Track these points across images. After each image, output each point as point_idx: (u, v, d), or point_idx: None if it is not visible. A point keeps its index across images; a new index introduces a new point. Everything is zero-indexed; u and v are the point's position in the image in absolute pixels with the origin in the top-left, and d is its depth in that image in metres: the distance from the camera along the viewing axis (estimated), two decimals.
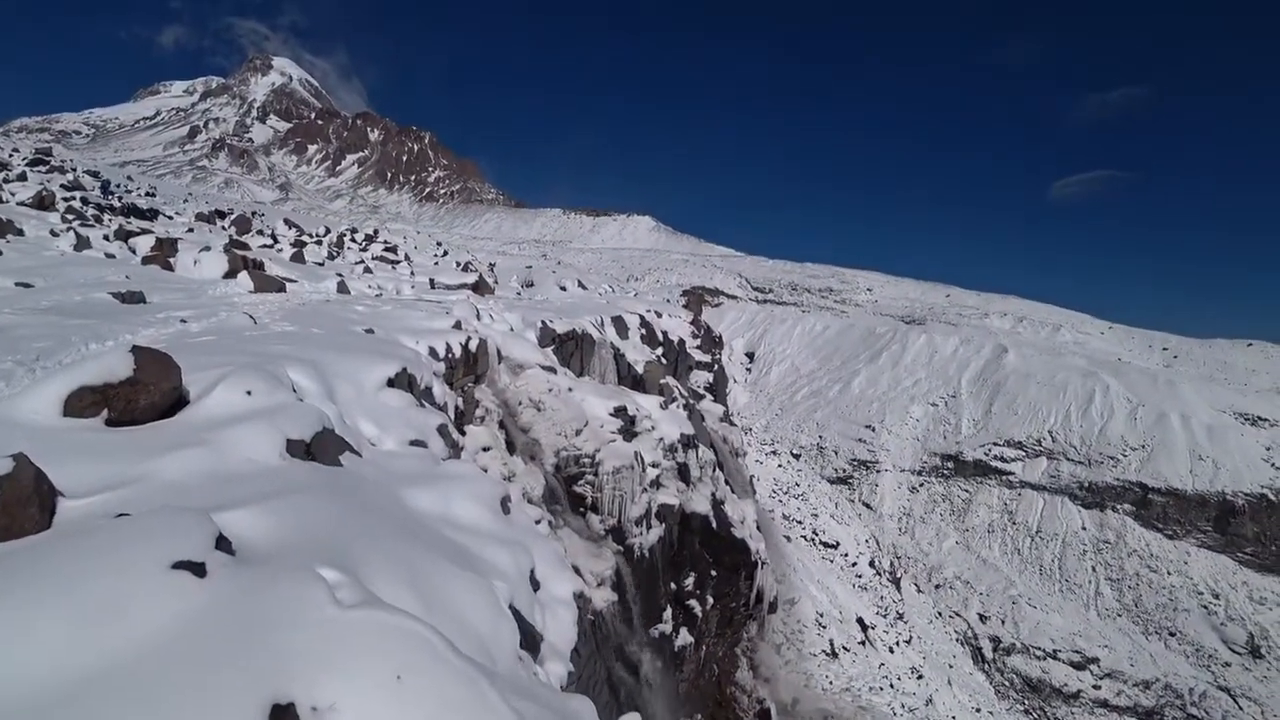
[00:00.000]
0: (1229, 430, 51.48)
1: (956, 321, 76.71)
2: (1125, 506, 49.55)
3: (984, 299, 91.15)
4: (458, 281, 17.90)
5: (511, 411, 11.02)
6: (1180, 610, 43.87)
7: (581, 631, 6.12)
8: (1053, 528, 49.73)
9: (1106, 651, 41.10)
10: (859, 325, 74.59)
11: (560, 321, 13.71)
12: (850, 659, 22.93)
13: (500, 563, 4.86)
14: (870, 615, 28.80)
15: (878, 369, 65.29)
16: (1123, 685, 39.62)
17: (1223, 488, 47.82)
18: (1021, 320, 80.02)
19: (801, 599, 23.45)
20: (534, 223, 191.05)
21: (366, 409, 6.74)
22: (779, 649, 20.12)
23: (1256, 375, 64.57)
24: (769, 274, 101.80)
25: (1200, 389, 56.76)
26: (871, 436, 58.23)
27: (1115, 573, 46.57)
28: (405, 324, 10.47)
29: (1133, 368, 61.52)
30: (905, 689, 24.12)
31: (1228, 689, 39.23)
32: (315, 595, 2.75)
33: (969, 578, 46.42)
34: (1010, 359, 61.84)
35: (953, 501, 52.89)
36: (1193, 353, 71.85)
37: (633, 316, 15.97)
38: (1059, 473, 52.18)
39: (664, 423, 11.96)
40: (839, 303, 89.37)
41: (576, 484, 10.62)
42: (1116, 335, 77.45)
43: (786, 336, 73.74)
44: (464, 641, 3.24)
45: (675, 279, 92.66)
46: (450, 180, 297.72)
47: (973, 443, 55.64)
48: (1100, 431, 52.89)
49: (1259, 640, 42.19)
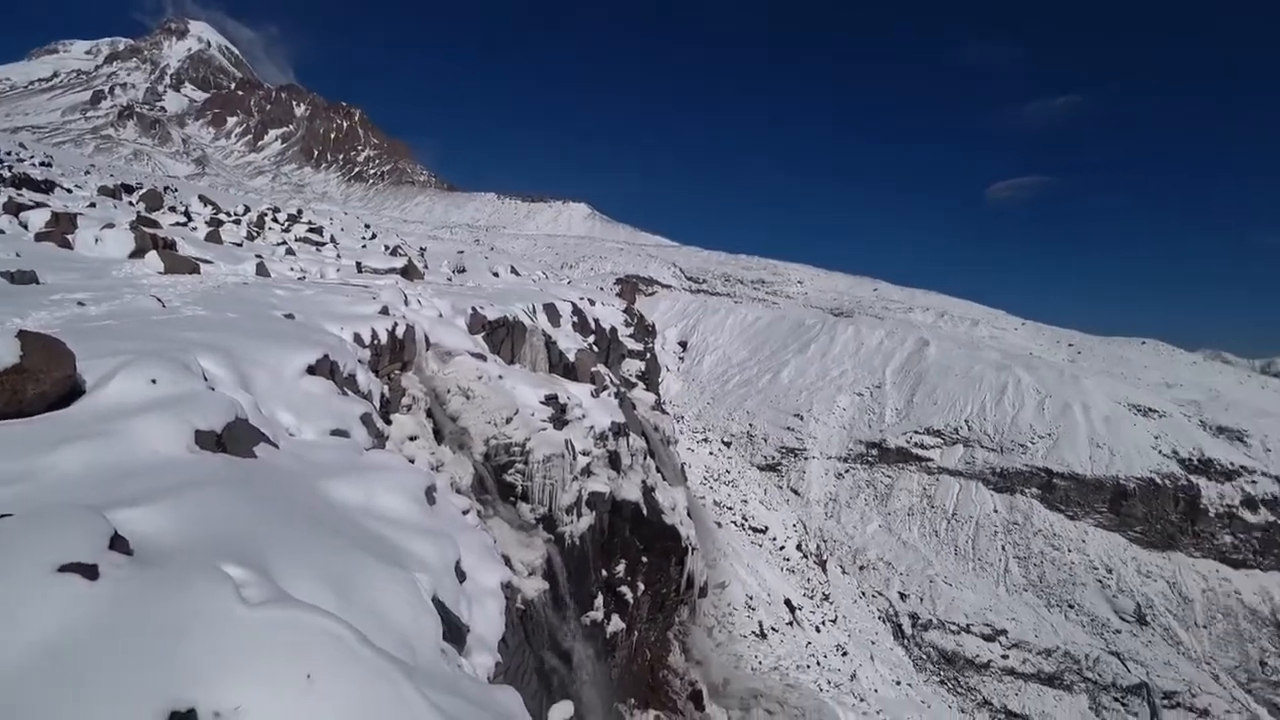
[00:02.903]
0: (1123, 420, 55.33)
1: (883, 315, 79.40)
2: (1032, 490, 52.64)
3: (909, 294, 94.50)
4: (386, 266, 17.39)
5: (440, 400, 10.81)
6: (1078, 584, 47.11)
7: (510, 622, 6.07)
8: (967, 510, 52.34)
9: (1014, 624, 43.64)
10: (789, 316, 76.30)
11: (491, 308, 13.50)
12: (779, 639, 23.59)
13: (424, 554, 4.77)
14: (798, 597, 29.67)
15: (807, 359, 66.98)
16: (1028, 654, 42.19)
17: (1117, 473, 51.42)
18: (943, 315, 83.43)
19: (732, 583, 23.96)
20: (467, 207, 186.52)
21: (285, 398, 6.48)
22: (710, 632, 20.54)
23: (1148, 370, 69.33)
24: (703, 264, 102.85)
25: (1100, 382, 60.69)
26: (800, 425, 59.78)
27: (1022, 551, 49.48)
28: (329, 309, 10.10)
29: (1042, 362, 65.06)
30: (831, 666, 24.99)
31: (1118, 654, 42.33)
32: (219, 594, 2.63)
33: (890, 559, 48.39)
34: (932, 352, 64.46)
35: (876, 487, 54.93)
36: (1094, 349, 76.55)
37: (565, 304, 15.86)
38: (974, 459, 54.90)
39: (595, 411, 11.94)
40: (771, 294, 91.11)
41: (506, 473, 10.52)
42: (1029, 331, 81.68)
43: (719, 326, 74.77)
44: (382, 636, 3.16)
45: (610, 267, 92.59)
46: (380, 160, 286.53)
47: (895, 431, 57.85)
48: (1012, 421, 55.90)
49: (1145, 609, 45.90)
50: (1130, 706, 39.96)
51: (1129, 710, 39.82)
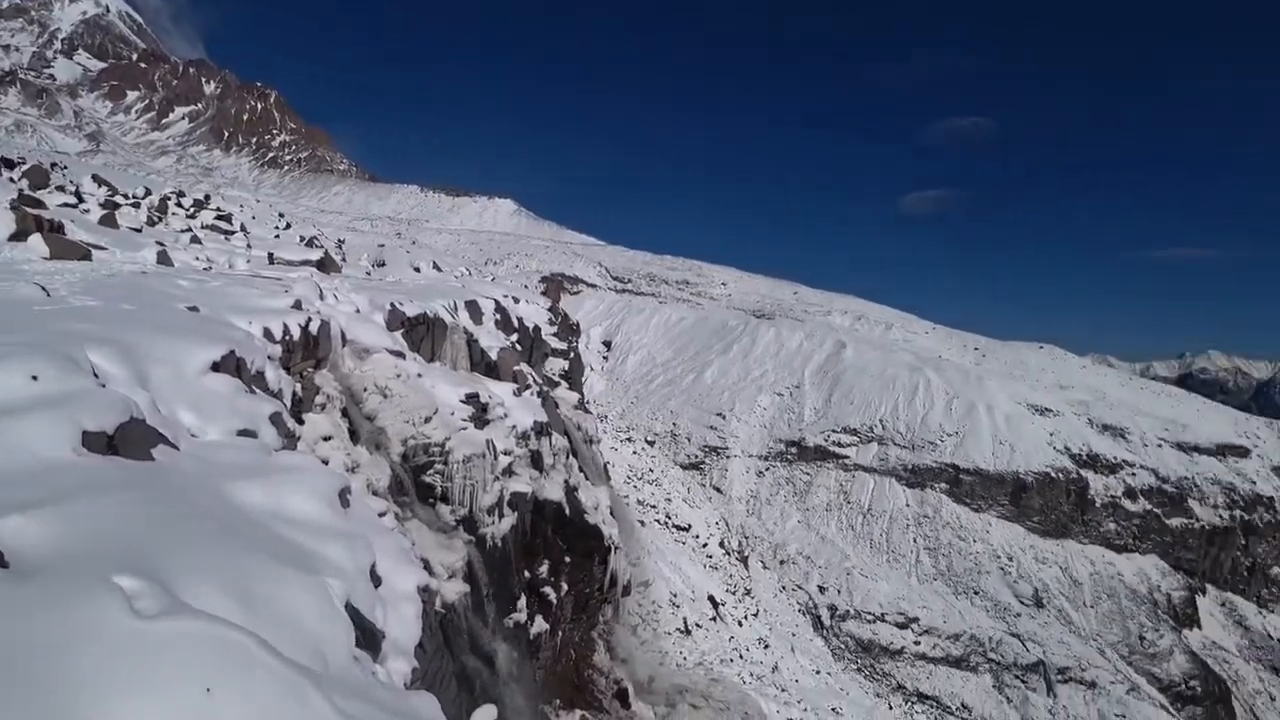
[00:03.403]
0: (1023, 419, 59.10)
1: (802, 317, 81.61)
2: (941, 485, 55.46)
3: (827, 297, 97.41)
4: (301, 258, 16.65)
5: (356, 398, 10.46)
6: (983, 572, 49.98)
7: (427, 626, 5.93)
8: (881, 505, 54.58)
9: (925, 611, 45.83)
10: (713, 318, 77.52)
11: (411, 304, 13.14)
12: (703, 635, 23.96)
13: (337, 559, 4.61)
14: (720, 592, 30.21)
15: (729, 360, 68.23)
16: (937, 639, 44.41)
17: (1017, 467, 54.89)
18: (859, 319, 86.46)
19: (656, 580, 24.17)
20: (389, 199, 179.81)
21: (186, 396, 6.12)
22: (635, 630, 20.65)
23: (1045, 373, 74.01)
24: (629, 264, 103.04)
25: (1002, 384, 64.56)
26: (722, 424, 60.88)
27: (932, 543, 52.04)
28: (237, 302, 9.59)
29: (950, 364, 68.46)
30: (753, 658, 25.56)
31: (1018, 635, 45.12)
32: (108, 608, 2.46)
33: (809, 553, 49.90)
34: (848, 354, 66.84)
35: (795, 484, 56.53)
36: (997, 353, 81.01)
37: (488, 301, 15.61)
38: (887, 456, 57.30)
39: (517, 410, 11.81)
40: (695, 295, 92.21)
41: (425, 474, 10.28)
42: (938, 335, 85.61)
43: (644, 326, 75.21)
44: (290, 645, 3.04)
45: (535, 265, 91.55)
46: (297, 146, 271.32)
47: (814, 430, 59.69)
48: (922, 420, 58.67)
49: (1041, 593, 49.27)
50: (1029, 683, 42.63)
51: (1028, 686, 42.48)
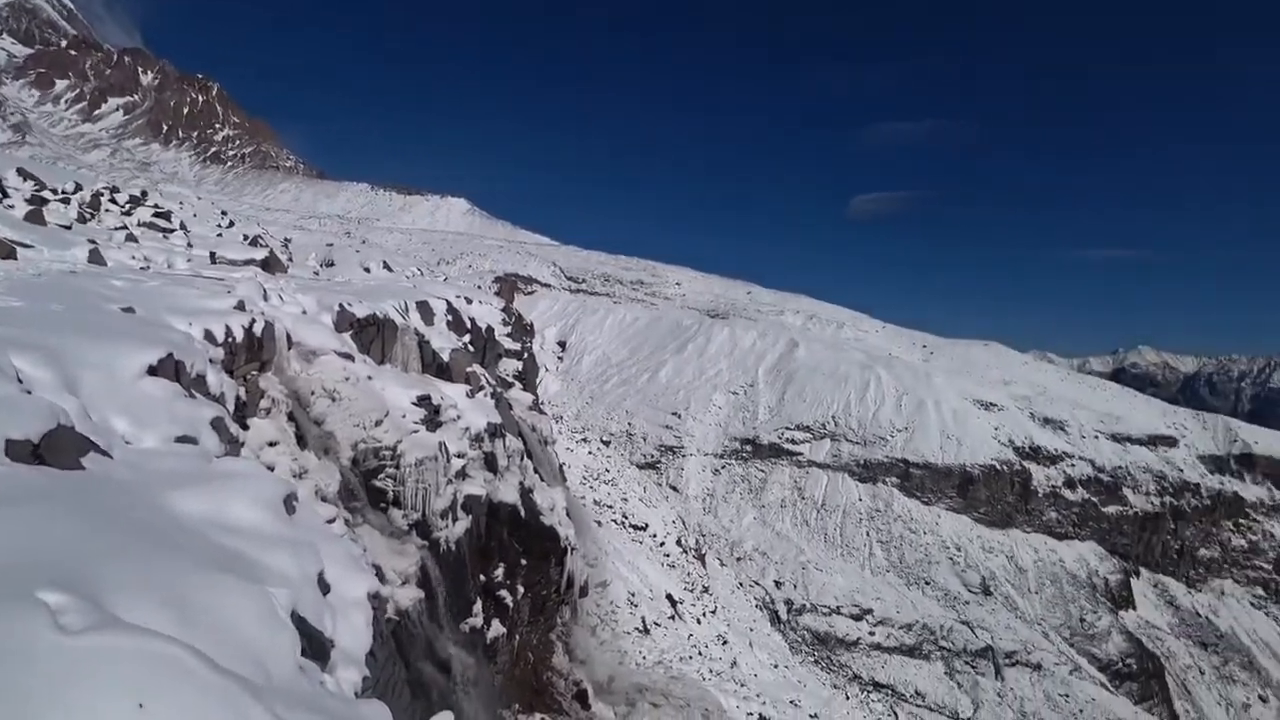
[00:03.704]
0: (969, 414, 60.99)
1: (755, 317, 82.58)
2: (892, 479, 56.82)
3: (780, 297, 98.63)
4: (244, 257, 16.11)
5: (303, 402, 10.18)
6: (933, 562, 51.40)
7: (379, 633, 5.80)
8: (835, 500, 55.61)
9: (879, 603, 46.87)
10: (667, 317, 77.89)
11: (361, 305, 12.85)
12: (661, 633, 24.00)
13: (282, 567, 4.47)
14: (678, 591, 30.33)
15: (684, 359, 68.65)
16: (891, 629, 45.49)
17: (964, 461, 56.61)
18: (812, 318, 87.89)
19: (613, 580, 24.15)
20: (338, 197, 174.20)
21: (121, 402, 5.87)
22: (594, 630, 20.56)
23: (990, 369, 76.53)
24: (583, 264, 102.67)
25: (950, 380, 66.49)
26: (678, 423, 61.21)
27: (884, 536, 53.25)
28: (176, 303, 9.23)
29: (900, 362, 70.18)
30: (712, 655, 25.69)
31: (967, 622, 46.52)
32: (32, 625, 2.33)
33: (765, 549, 50.53)
34: (801, 352, 67.93)
35: (750, 481, 57.17)
36: (944, 350, 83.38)
37: (440, 302, 15.37)
38: (840, 452, 58.42)
39: (470, 412, 11.65)
40: (649, 295, 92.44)
41: (376, 478, 10.06)
42: (888, 334, 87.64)
43: (598, 326, 75.13)
44: (230, 656, 2.93)
45: (488, 265, 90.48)
46: (241, 141, 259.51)
47: (768, 427, 60.48)
48: (874, 416, 60.01)
49: (989, 581, 50.93)
50: (979, 668, 43.99)
51: (978, 671, 43.82)
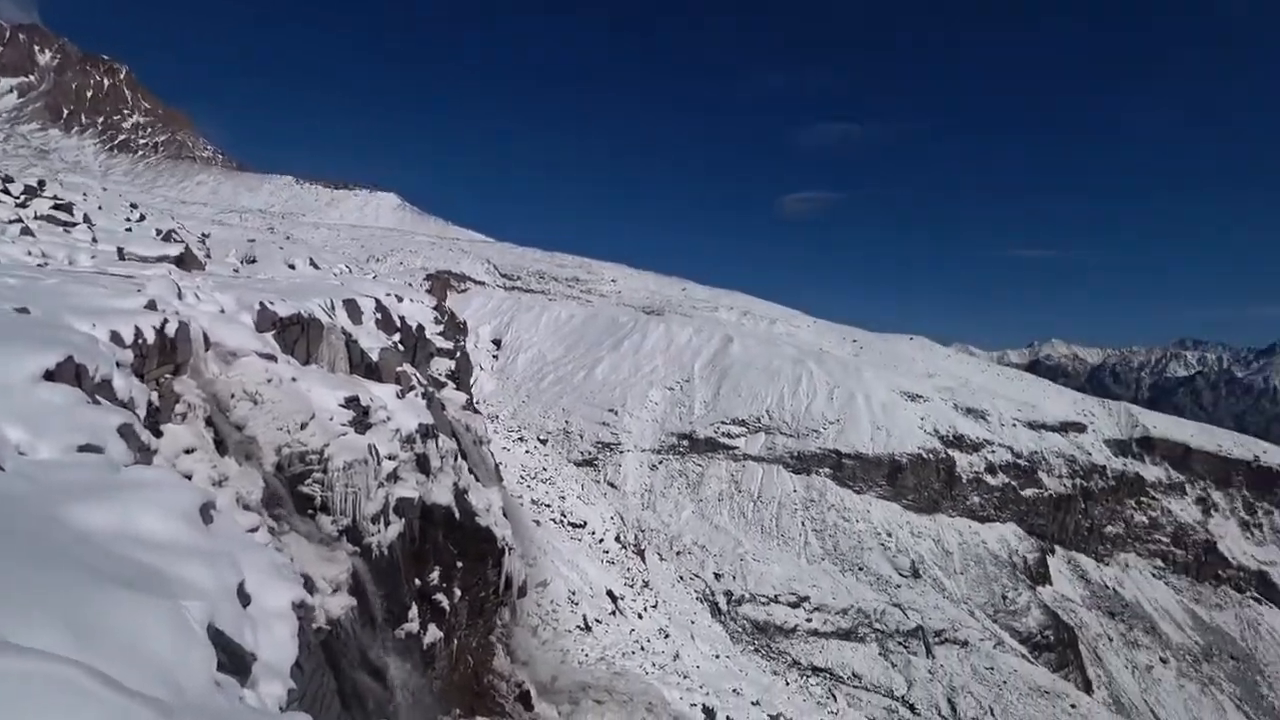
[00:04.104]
0: (897, 406, 63.28)
1: (690, 313, 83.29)
2: (825, 470, 58.40)
3: (714, 294, 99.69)
4: (156, 253, 15.19)
5: (222, 406, 9.70)
6: (865, 549, 53.10)
7: (305, 644, 5.57)
8: (770, 492, 56.72)
9: (815, 590, 48.08)
10: (603, 314, 77.80)
11: (284, 304, 12.32)
12: (603, 630, 23.95)
13: (198, 580, 4.24)
14: (619, 587, 30.34)
15: (620, 356, 68.74)
16: (827, 615, 46.75)
17: (892, 450, 58.69)
18: (745, 314, 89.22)
19: (554, 579, 23.96)
20: (260, 190, 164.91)
21: (14, 409, 5.46)
22: (535, 631, 20.36)
23: (915, 363, 79.50)
24: (518, 261, 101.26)
25: (878, 374, 68.80)
26: (614, 420, 61.28)
27: (819, 525, 54.67)
28: (78, 302, 8.63)
29: (831, 356, 72.11)
30: (655, 649, 25.80)
31: (899, 605, 48.24)
32: None
33: (704, 542, 51.13)
34: (735, 348, 68.97)
35: (688, 476, 57.74)
36: (873, 345, 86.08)
37: (368, 300, 14.89)
38: (774, 445, 59.64)
39: (401, 412, 11.32)
40: (585, 292, 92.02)
41: (303, 483, 9.67)
42: (819, 329, 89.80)
43: (534, 324, 74.44)
44: (137, 676, 2.75)
45: (420, 262, 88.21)
46: (154, 129, 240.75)
47: (704, 422, 61.20)
48: (806, 409, 61.51)
49: (918, 565, 53.00)
50: (911, 648, 45.66)
51: (910, 651, 45.48)
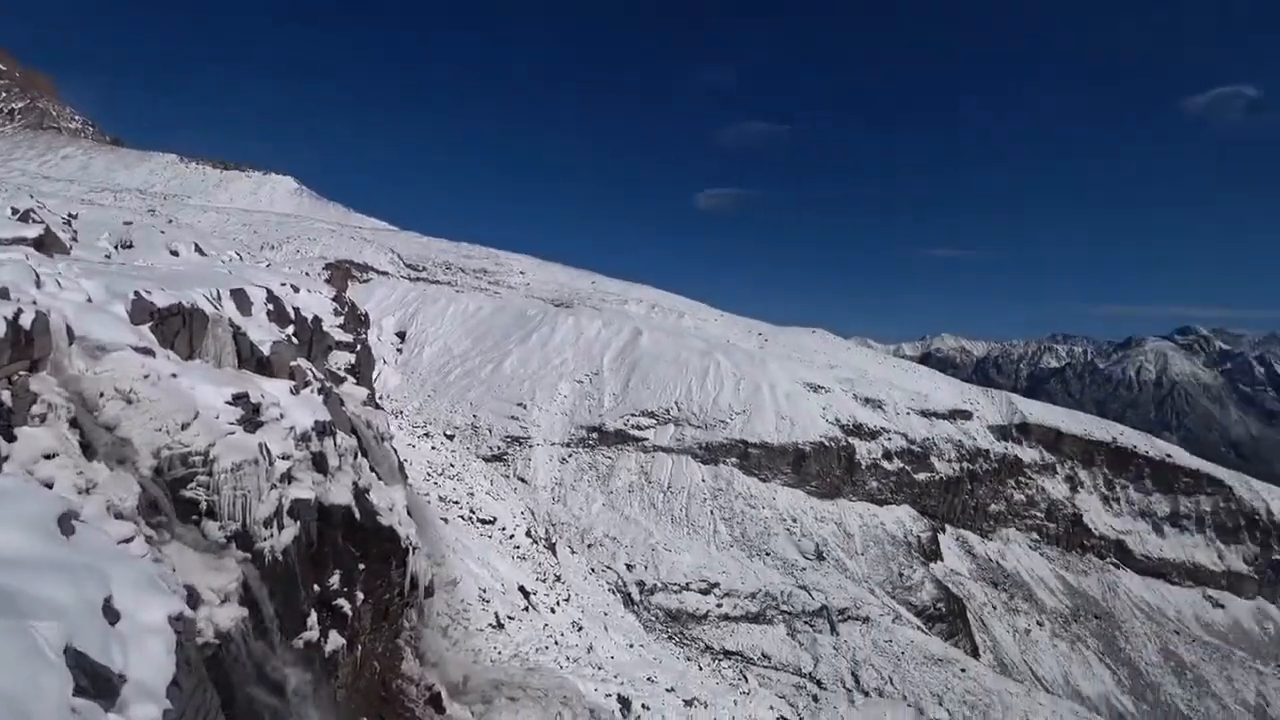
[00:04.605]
0: (800, 396, 65.60)
1: (600, 306, 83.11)
2: (732, 460, 59.84)
3: (624, 287, 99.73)
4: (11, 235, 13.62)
5: (90, 406, 8.81)
6: (772, 534, 54.82)
7: (184, 661, 5.13)
8: (679, 482, 57.60)
9: (724, 576, 49.22)
10: (511, 307, 76.61)
11: (163, 293, 11.32)
12: (516, 626, 23.61)
13: (56, 597, 3.80)
14: (531, 582, 29.98)
15: (529, 349, 67.96)
16: (737, 600, 47.99)
17: (796, 439, 60.82)
18: (654, 307, 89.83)
19: (463, 577, 23.38)
20: (139, 168, 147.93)
21: None
22: (445, 631, 19.78)
23: (818, 355, 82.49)
24: (423, 251, 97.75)
25: (782, 365, 71.03)
26: (523, 413, 60.60)
27: (727, 513, 55.99)
28: None
29: (737, 349, 73.79)
30: (568, 643, 25.67)
31: (804, 586, 50.09)
32: None
33: (615, 534, 51.35)
34: (644, 341, 69.49)
35: (598, 468, 57.81)
36: (778, 338, 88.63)
37: (259, 290, 13.96)
38: (683, 436, 60.58)
39: (295, 410, 10.67)
40: (493, 284, 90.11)
41: (186, 488, 8.94)
42: (726, 322, 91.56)
43: (440, 316, 72.44)
44: None
45: (319, 250, 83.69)
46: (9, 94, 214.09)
47: (613, 415, 61.41)
48: (714, 401, 62.80)
49: (821, 548, 55.25)
50: (816, 626, 47.51)
51: (815, 630, 47.31)
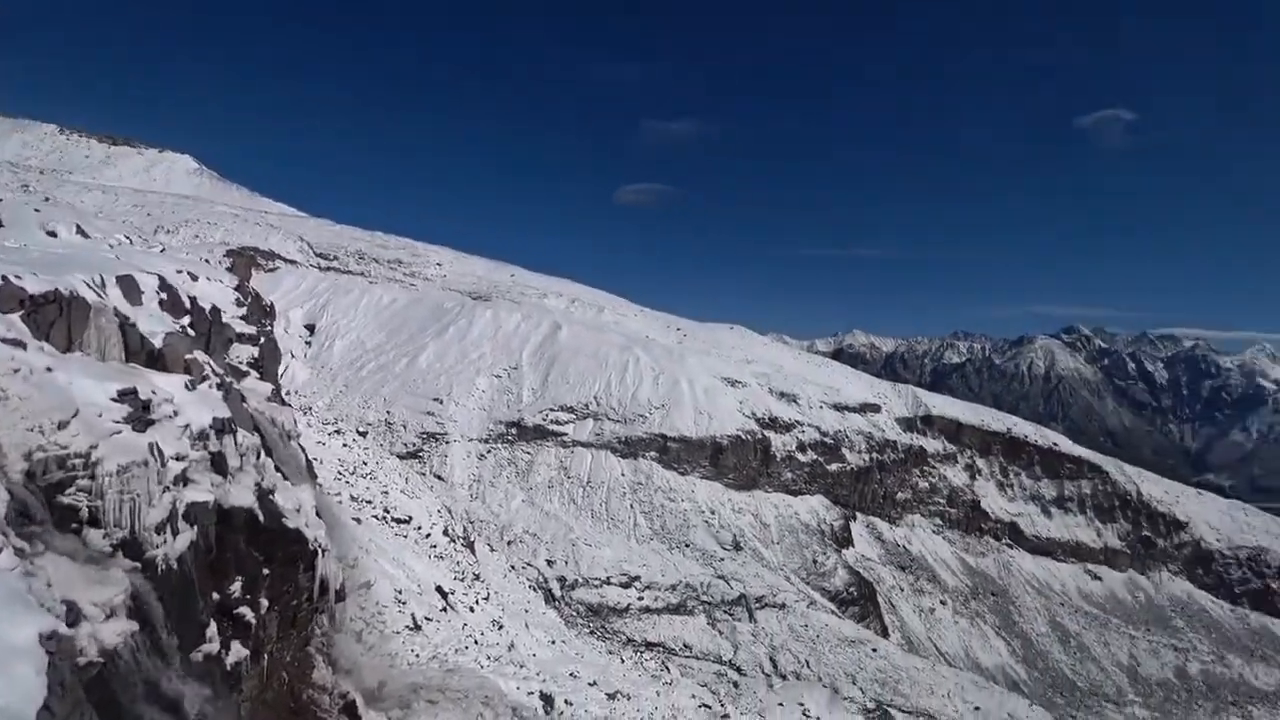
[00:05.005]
0: (718, 391, 66.90)
1: (519, 300, 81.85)
2: (652, 454, 60.37)
3: (544, 281, 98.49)
4: None
5: None
6: (691, 526, 55.67)
7: (58, 683, 4.63)
8: (599, 477, 57.59)
9: (645, 569, 49.59)
10: (428, 299, 74.51)
11: (36, 278, 10.26)
12: (434, 628, 22.93)
13: None
14: (449, 582, 29.20)
15: (446, 343, 66.35)
16: (658, 592, 48.47)
17: (714, 433, 62.01)
18: (574, 301, 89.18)
19: (378, 579, 22.49)
20: (9, 139, 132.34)
21: None
22: (359, 635, 18.95)
23: (735, 350, 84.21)
24: (335, 239, 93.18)
25: (700, 360, 72.21)
26: (440, 409, 59.16)
27: (647, 506, 56.41)
28: None
29: (657, 344, 74.38)
30: (488, 641, 25.16)
31: (723, 576, 51.11)
32: None
33: (535, 530, 50.86)
34: (564, 335, 69.07)
35: (517, 464, 57.11)
36: (696, 333, 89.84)
37: (150, 277, 12.88)
38: (603, 431, 60.63)
39: (191, 406, 9.89)
40: (409, 275, 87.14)
41: (64, 493, 8.11)
42: (646, 318, 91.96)
43: (352, 308, 69.63)
44: None
45: (220, 235, 78.25)
46: None
47: (532, 410, 60.79)
48: (633, 395, 63.14)
49: (739, 538, 56.54)
50: (735, 615, 48.52)
51: (734, 618, 48.30)
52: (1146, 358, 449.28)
